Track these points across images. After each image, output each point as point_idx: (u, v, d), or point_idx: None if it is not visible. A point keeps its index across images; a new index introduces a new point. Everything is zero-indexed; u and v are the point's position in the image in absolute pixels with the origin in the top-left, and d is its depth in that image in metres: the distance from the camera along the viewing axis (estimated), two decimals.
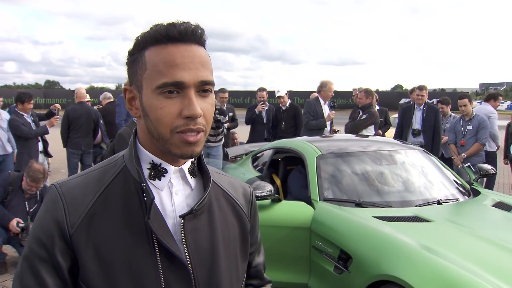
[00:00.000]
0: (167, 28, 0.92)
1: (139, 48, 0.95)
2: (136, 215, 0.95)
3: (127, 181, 0.98)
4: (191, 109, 0.90)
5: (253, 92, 38.72)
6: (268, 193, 3.40)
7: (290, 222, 3.43)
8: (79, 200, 0.94)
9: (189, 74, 0.91)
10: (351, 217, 3.18)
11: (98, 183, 0.97)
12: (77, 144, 7.20)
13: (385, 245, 2.76)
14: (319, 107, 6.52)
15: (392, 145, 4.33)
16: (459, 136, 6.30)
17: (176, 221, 0.98)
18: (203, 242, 1.00)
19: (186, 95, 0.91)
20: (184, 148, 0.93)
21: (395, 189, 3.73)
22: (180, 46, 0.92)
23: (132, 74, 0.97)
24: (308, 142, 4.18)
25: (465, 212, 3.52)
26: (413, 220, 3.12)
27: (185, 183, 1.03)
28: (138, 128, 1.03)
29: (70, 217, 0.92)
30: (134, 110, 0.99)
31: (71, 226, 0.92)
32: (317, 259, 3.27)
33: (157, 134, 0.93)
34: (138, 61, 0.95)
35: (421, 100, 6.63)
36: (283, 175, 4.59)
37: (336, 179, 3.77)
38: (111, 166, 1.01)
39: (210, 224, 1.02)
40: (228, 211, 1.09)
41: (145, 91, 0.93)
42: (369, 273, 2.70)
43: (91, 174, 1.00)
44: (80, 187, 0.97)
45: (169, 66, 0.90)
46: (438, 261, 2.46)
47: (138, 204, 0.95)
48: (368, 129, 6.45)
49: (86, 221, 0.93)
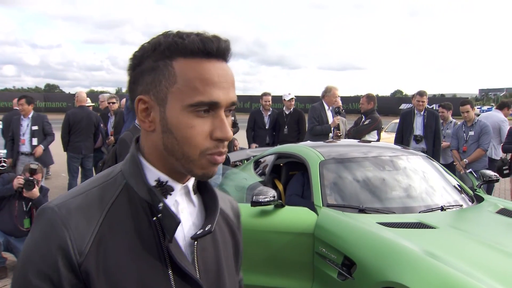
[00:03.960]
0: (204, 41, 0.86)
1: (163, 55, 0.87)
2: (147, 237, 0.88)
3: (131, 200, 0.90)
4: (224, 132, 0.86)
5: (253, 97, 38.87)
6: (271, 198, 3.38)
7: (293, 228, 3.41)
8: (84, 224, 0.85)
9: (223, 94, 0.87)
10: (355, 223, 3.16)
11: (100, 203, 0.88)
12: (78, 148, 7.20)
13: (389, 251, 2.74)
14: (323, 112, 6.52)
15: (395, 151, 4.31)
16: (461, 142, 6.31)
17: (186, 242, 0.93)
18: (211, 262, 0.97)
19: (217, 116, 0.87)
20: (208, 168, 0.89)
21: (399, 195, 3.72)
22: (216, 63, 0.87)
23: (151, 83, 0.88)
24: (311, 148, 4.17)
25: (469, 219, 3.51)
26: (417, 227, 3.10)
27: (189, 200, 0.98)
28: (145, 141, 0.94)
29: (76, 244, 0.83)
30: (148, 123, 0.90)
31: (79, 254, 0.82)
32: (320, 266, 3.25)
33: (180, 154, 0.87)
34: (161, 70, 0.87)
35: (421, 106, 6.64)
36: (285, 180, 4.58)
37: (339, 184, 3.76)
38: (110, 183, 0.92)
39: (214, 243, 1.00)
40: (224, 228, 1.06)
41: (172, 106, 0.86)
42: (373, 279, 2.68)
43: (91, 192, 0.90)
44: (83, 209, 0.87)
45: (206, 84, 0.85)
46: (444, 267, 2.44)
47: (148, 225, 0.89)
48: (371, 135, 6.44)
49: (95, 247, 0.84)
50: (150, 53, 0.88)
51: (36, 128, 6.74)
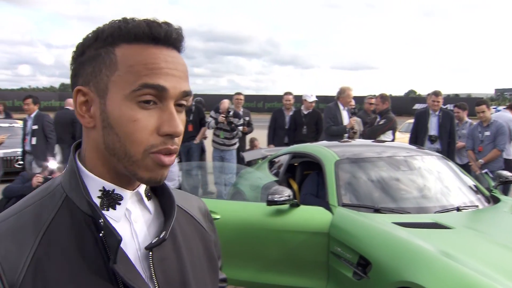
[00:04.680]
0: (150, 26, 0.78)
1: (105, 43, 0.78)
2: (93, 257, 0.77)
3: (74, 216, 0.78)
4: (172, 125, 0.76)
5: (266, 97, 38.89)
6: (286, 198, 3.40)
7: (308, 227, 3.43)
8: (14, 251, 0.73)
9: (172, 82, 0.77)
10: (371, 222, 3.17)
11: (36, 224, 0.77)
12: None
13: (405, 251, 2.75)
14: (338, 113, 6.53)
15: (410, 150, 4.31)
16: (476, 142, 6.26)
17: (140, 254, 0.83)
18: (172, 272, 0.86)
19: (165, 108, 0.77)
20: (155, 171, 0.78)
21: (414, 195, 3.71)
22: (164, 49, 0.79)
23: (91, 73, 0.78)
24: (326, 147, 4.18)
25: (485, 219, 3.49)
26: (433, 227, 3.10)
27: (143, 207, 0.87)
28: (86, 142, 0.83)
29: (7, 274, 0.71)
30: (87, 118, 0.80)
31: (11, 286, 0.71)
32: (335, 265, 3.26)
33: (122, 153, 0.77)
34: (103, 58, 0.77)
35: (436, 106, 6.62)
36: (300, 179, 4.59)
37: (354, 184, 3.77)
38: (48, 198, 0.80)
39: (176, 250, 0.88)
40: (189, 230, 0.95)
41: (113, 97, 0.76)
42: (389, 279, 2.69)
43: (25, 212, 0.78)
44: (14, 233, 0.75)
45: (151, 69, 0.76)
46: (460, 268, 2.44)
47: (93, 242, 0.78)
48: (386, 135, 6.43)
49: (30, 275, 0.72)
50: (92, 41, 0.79)
51: (36, 127, 6.64)
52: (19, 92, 51.40)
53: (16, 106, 25.10)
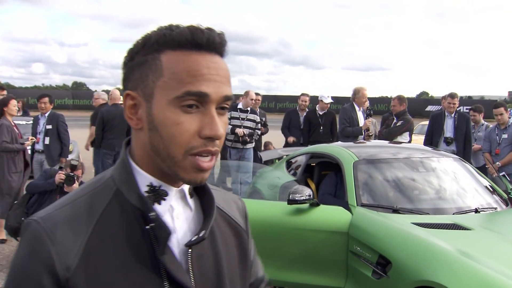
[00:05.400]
0: (193, 32, 0.80)
1: (152, 49, 0.82)
2: (140, 248, 0.82)
3: (123, 208, 0.84)
4: (213, 129, 0.79)
5: (278, 97, 38.81)
6: (307, 197, 3.45)
7: (328, 226, 3.48)
8: (70, 236, 0.79)
9: (214, 87, 0.80)
10: (390, 222, 3.21)
11: (89, 213, 0.82)
12: (111, 145, 7.39)
13: (425, 251, 2.79)
14: (354, 113, 6.57)
15: (428, 152, 4.34)
16: (493, 144, 6.26)
17: (180, 250, 0.86)
18: (208, 270, 0.89)
19: (207, 112, 0.80)
20: (194, 174, 0.82)
21: (432, 197, 3.75)
22: (206, 55, 0.81)
23: (139, 78, 0.83)
24: (344, 148, 4.23)
25: (504, 221, 3.52)
26: (452, 228, 3.13)
27: (185, 204, 0.91)
28: (135, 142, 0.88)
29: (62, 259, 0.77)
30: (135, 120, 0.84)
31: (66, 270, 0.76)
32: (354, 264, 3.31)
33: (166, 154, 0.81)
34: (149, 64, 0.82)
35: (452, 108, 6.63)
36: (317, 179, 4.64)
37: (373, 185, 3.81)
38: (99, 191, 0.86)
39: (213, 249, 0.92)
40: (226, 230, 0.98)
41: (158, 101, 0.80)
42: (409, 278, 2.73)
43: (79, 202, 0.84)
44: (70, 221, 0.81)
45: (194, 76, 0.79)
46: (480, 267, 2.48)
47: (140, 234, 0.82)
48: (403, 136, 6.46)
49: (83, 261, 0.78)
50: (140, 48, 0.84)
51: (50, 127, 6.61)
52: (33, 90, 51.93)
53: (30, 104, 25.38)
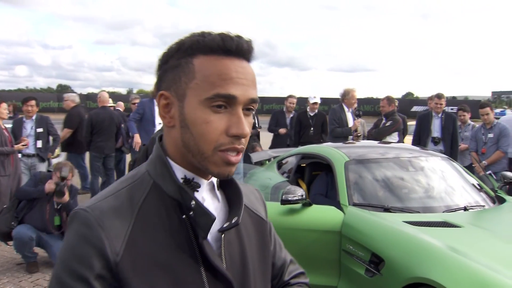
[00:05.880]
0: (224, 39, 0.88)
1: (185, 54, 0.89)
2: (178, 235, 0.89)
3: (160, 199, 0.91)
4: (240, 128, 0.87)
5: (264, 98, 38.74)
6: (300, 197, 3.49)
7: (321, 226, 3.52)
8: (117, 224, 0.86)
9: (241, 90, 0.87)
10: (382, 221, 3.26)
11: (130, 204, 0.89)
12: (100, 148, 7.35)
13: (417, 248, 2.84)
14: (343, 114, 6.64)
15: (416, 152, 4.40)
16: (480, 144, 6.38)
17: (213, 236, 0.94)
18: (236, 255, 0.98)
19: (235, 112, 0.87)
20: (223, 167, 0.89)
21: (422, 195, 3.80)
22: (235, 61, 0.89)
23: (172, 80, 0.90)
24: (335, 148, 4.27)
25: (492, 219, 3.59)
26: (443, 226, 3.19)
27: (213, 196, 0.99)
28: (167, 138, 0.95)
29: (112, 243, 0.83)
30: (168, 118, 0.92)
31: (116, 254, 0.83)
32: (347, 262, 3.35)
33: (196, 149, 0.88)
34: (183, 67, 0.89)
35: (439, 108, 6.73)
36: (309, 180, 4.68)
37: (364, 184, 3.85)
38: (137, 184, 0.93)
39: (238, 236, 1.00)
40: (247, 220, 1.06)
41: (190, 101, 0.88)
42: (402, 275, 2.78)
43: (121, 193, 0.91)
44: (115, 210, 0.87)
45: (223, 79, 0.86)
46: (471, 263, 2.53)
47: (178, 223, 0.90)
48: (392, 136, 6.54)
49: (129, 246, 0.85)
50: (174, 52, 0.91)
51: (41, 130, 6.57)
52: (17, 93, 51.36)
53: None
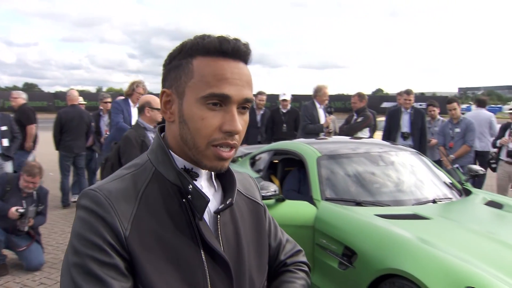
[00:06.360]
0: (221, 42, 0.94)
1: (186, 54, 0.96)
2: (179, 217, 0.97)
3: (162, 185, 0.98)
4: (232, 125, 0.93)
5: None
6: (273, 193, 3.52)
7: (294, 220, 3.54)
8: (124, 203, 0.93)
9: (235, 90, 0.93)
10: (354, 215, 3.31)
11: (134, 188, 0.96)
12: (70, 147, 7.21)
13: (389, 240, 2.90)
14: (315, 111, 6.70)
15: (387, 147, 4.49)
16: (447, 138, 6.54)
17: (210, 218, 1.02)
18: (230, 236, 1.04)
19: (229, 110, 0.93)
20: (215, 162, 0.96)
21: (392, 189, 3.88)
22: (231, 62, 0.95)
23: (174, 78, 0.98)
24: (307, 144, 4.31)
25: (460, 210, 3.69)
26: (412, 218, 3.27)
27: (210, 185, 1.06)
28: (168, 132, 1.03)
29: (122, 219, 0.90)
30: (169, 114, 1.00)
31: (125, 229, 0.90)
32: (320, 256, 3.39)
33: (192, 143, 0.95)
34: (183, 67, 0.96)
35: (408, 104, 6.87)
36: (281, 176, 4.71)
37: (336, 179, 3.91)
38: (140, 171, 1.00)
39: (232, 219, 1.07)
40: (243, 206, 1.13)
41: (188, 99, 0.95)
42: (374, 267, 2.83)
43: (126, 178, 0.99)
44: (121, 191, 0.95)
45: (218, 79, 0.92)
46: (440, 254, 2.61)
47: (178, 206, 0.97)
48: (363, 132, 6.65)
49: (135, 224, 0.92)
50: (177, 53, 0.98)
51: (6, 128, 6.33)
52: None
53: None
